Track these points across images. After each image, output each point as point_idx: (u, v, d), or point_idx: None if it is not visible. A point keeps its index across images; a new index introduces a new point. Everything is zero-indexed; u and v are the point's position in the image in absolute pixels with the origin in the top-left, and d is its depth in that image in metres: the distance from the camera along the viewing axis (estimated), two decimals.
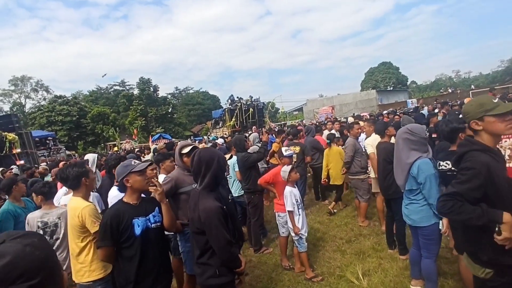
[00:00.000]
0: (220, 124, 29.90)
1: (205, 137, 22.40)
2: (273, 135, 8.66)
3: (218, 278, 2.19)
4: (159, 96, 48.07)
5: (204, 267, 2.23)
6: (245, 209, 5.03)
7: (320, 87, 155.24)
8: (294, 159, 5.61)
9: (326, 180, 5.86)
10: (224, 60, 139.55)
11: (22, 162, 14.44)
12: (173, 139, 27.03)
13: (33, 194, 3.41)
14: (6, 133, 15.97)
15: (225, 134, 24.68)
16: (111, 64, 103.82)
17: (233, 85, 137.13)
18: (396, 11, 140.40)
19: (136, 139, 26.95)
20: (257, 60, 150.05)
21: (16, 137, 16.21)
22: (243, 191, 4.91)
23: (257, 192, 4.78)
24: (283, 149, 4.23)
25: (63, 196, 3.64)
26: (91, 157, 4.91)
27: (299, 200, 3.81)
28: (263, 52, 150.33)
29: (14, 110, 45.57)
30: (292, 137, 6.40)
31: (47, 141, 21.38)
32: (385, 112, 13.20)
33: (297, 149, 5.94)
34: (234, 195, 5.02)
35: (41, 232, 3.02)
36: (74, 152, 29.55)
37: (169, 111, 46.61)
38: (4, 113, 36.00)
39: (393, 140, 4.04)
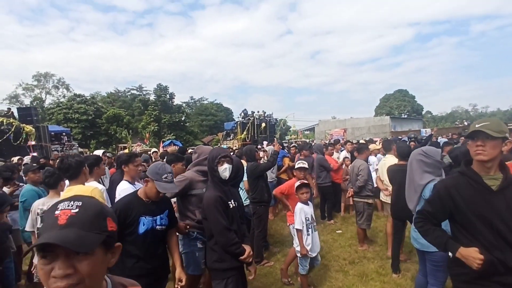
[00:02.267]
0: (231, 137, 30.03)
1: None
2: (286, 149, 8.75)
3: (220, 263, 2.35)
4: (174, 103, 48.78)
5: (211, 252, 2.40)
6: (250, 221, 5.00)
7: (334, 109, 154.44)
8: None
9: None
10: (241, 74, 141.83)
11: (35, 154, 14.74)
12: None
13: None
14: (24, 124, 16.47)
15: (235, 146, 24.85)
16: (131, 68, 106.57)
17: (248, 100, 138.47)
18: (417, 40, 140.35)
19: (147, 143, 26.92)
20: (273, 77, 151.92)
21: (33, 129, 16.67)
22: (248, 201, 4.90)
23: (263, 203, 4.77)
24: (298, 162, 4.23)
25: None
26: (98, 152, 5.08)
27: (310, 219, 3.66)
28: (280, 69, 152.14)
29: (34, 104, 46.63)
30: (305, 152, 6.57)
31: (62, 137, 21.84)
32: (400, 138, 13.03)
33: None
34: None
35: (39, 219, 3.04)
36: (86, 150, 30.01)
37: (182, 119, 47.15)
38: (24, 106, 36.92)
39: None
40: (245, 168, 4.95)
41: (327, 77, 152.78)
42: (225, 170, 2.49)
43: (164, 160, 7.47)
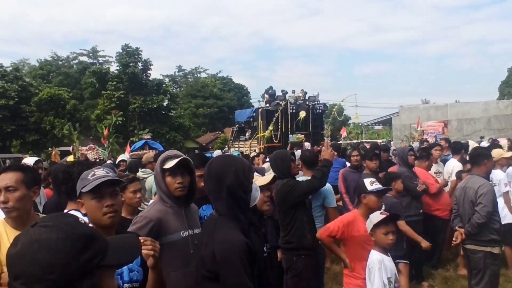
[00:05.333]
0: (247, 134, 29.38)
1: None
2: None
3: None
4: (150, 78, 47.91)
5: None
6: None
7: (425, 88, 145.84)
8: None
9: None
10: (264, 28, 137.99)
11: None
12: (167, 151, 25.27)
13: None
14: None
15: (254, 150, 23.53)
16: (78, 19, 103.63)
17: (275, 71, 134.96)
18: None
19: (106, 145, 25.88)
20: (319, 32, 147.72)
21: None
22: (278, 245, 5.12)
23: (303, 251, 4.81)
24: (367, 180, 4.20)
25: None
26: (28, 161, 5.77)
27: (393, 280, 3.76)
28: (331, 19, 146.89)
29: None
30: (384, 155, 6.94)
31: None
32: None
33: None
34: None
35: None
36: (5, 156, 28.41)
37: (165, 104, 46.14)
38: None
39: None
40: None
41: (414, 32, 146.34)
42: (256, 190, 2.76)
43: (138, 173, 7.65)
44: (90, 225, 2.34)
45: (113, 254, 1.26)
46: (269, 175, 4.25)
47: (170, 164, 3.14)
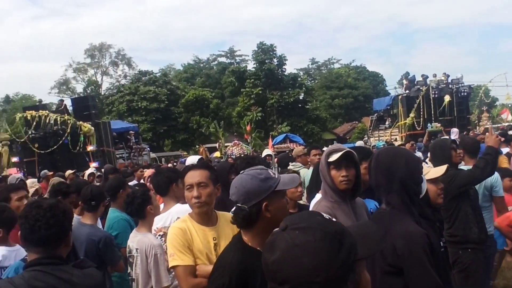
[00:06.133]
0: (387, 123, 29.46)
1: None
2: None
3: None
4: (286, 73, 50.00)
5: None
6: None
7: None
8: None
9: None
10: (400, 10, 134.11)
11: (96, 164, 16.64)
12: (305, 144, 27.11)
13: None
14: (81, 122, 18.85)
15: (396, 139, 24.03)
16: (214, 23, 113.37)
17: (412, 55, 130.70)
18: None
19: (249, 140, 27.89)
20: (458, 8, 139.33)
21: (92, 128, 19.00)
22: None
23: (470, 245, 4.65)
24: None
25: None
26: (192, 160, 5.70)
27: None
28: None
29: (89, 91, 54.36)
30: None
31: (128, 137, 24.40)
32: None
33: None
34: None
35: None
36: (161, 155, 32.80)
37: (301, 97, 47.91)
38: (78, 96, 43.00)
39: None
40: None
41: None
42: (424, 182, 2.67)
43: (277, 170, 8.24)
44: None
45: (362, 246, 1.29)
46: (443, 166, 3.90)
47: (334, 157, 3.14)
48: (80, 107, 20.84)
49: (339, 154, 3.07)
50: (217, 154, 24.89)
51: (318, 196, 3.42)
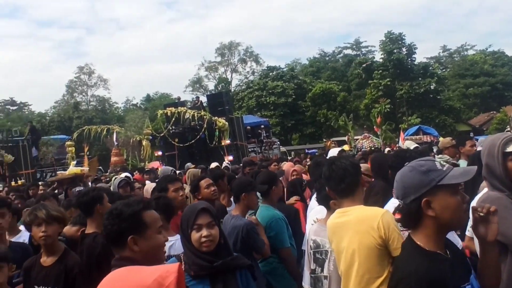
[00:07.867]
0: None
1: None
2: None
3: None
4: (415, 62, 48.41)
5: None
6: None
7: None
8: None
9: None
10: None
11: (230, 157, 17.45)
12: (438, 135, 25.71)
13: None
14: (216, 118, 19.88)
15: None
16: (338, 14, 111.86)
17: None
18: None
19: (379, 133, 27.51)
20: None
21: (226, 123, 19.95)
22: None
23: None
24: None
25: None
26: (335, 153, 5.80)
27: None
28: None
29: (220, 88, 57.23)
30: None
31: (259, 131, 25.19)
32: None
33: None
34: None
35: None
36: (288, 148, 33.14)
37: (432, 87, 45.88)
38: (211, 93, 45.59)
39: None
40: None
41: None
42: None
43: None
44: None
45: None
46: None
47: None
48: (215, 103, 21.93)
49: None
50: (346, 147, 24.26)
51: (485, 189, 3.00)
